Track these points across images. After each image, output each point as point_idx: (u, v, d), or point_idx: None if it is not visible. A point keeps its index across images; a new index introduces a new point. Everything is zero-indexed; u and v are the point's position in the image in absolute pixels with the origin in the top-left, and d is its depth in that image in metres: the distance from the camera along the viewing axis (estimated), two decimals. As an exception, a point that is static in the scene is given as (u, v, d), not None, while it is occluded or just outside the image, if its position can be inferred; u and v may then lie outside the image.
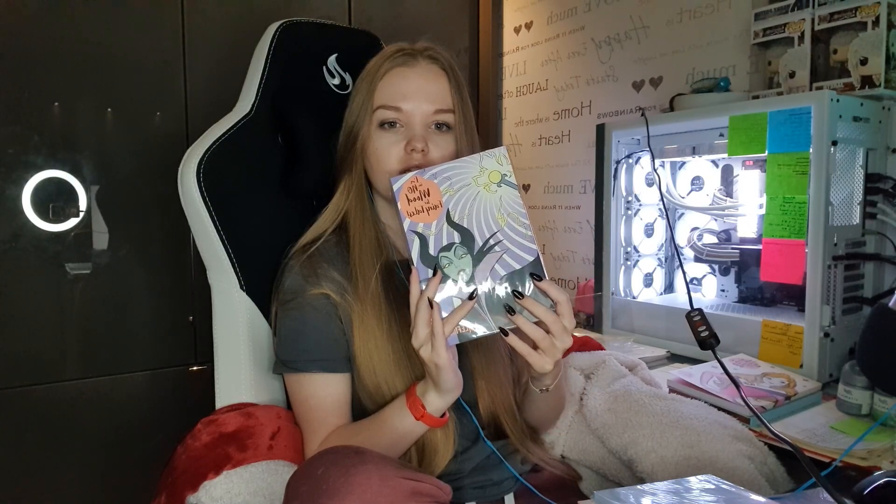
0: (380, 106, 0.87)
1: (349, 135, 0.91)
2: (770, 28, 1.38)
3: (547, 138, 2.21)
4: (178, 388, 1.75)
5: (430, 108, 0.87)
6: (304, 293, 0.86)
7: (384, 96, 0.87)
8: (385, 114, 0.87)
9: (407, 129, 0.87)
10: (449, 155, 0.89)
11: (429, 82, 0.88)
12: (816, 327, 1.14)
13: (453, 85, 0.90)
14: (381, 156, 0.87)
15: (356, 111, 0.89)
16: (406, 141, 0.86)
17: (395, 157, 0.87)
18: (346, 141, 0.92)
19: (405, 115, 0.87)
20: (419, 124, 0.87)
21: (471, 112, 0.91)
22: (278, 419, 0.89)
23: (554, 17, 2.16)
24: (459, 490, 0.86)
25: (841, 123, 1.13)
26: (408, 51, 0.89)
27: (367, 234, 0.90)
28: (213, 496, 0.78)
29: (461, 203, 0.73)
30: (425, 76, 0.88)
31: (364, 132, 0.88)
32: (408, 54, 0.89)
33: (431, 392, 0.77)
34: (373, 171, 0.90)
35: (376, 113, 0.88)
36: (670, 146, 1.46)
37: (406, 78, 0.88)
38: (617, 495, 0.65)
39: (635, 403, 0.99)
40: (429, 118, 0.87)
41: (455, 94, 0.89)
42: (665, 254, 1.66)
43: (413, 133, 0.86)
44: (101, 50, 1.61)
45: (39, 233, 1.58)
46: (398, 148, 0.87)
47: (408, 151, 0.86)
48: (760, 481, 0.87)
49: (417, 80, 0.88)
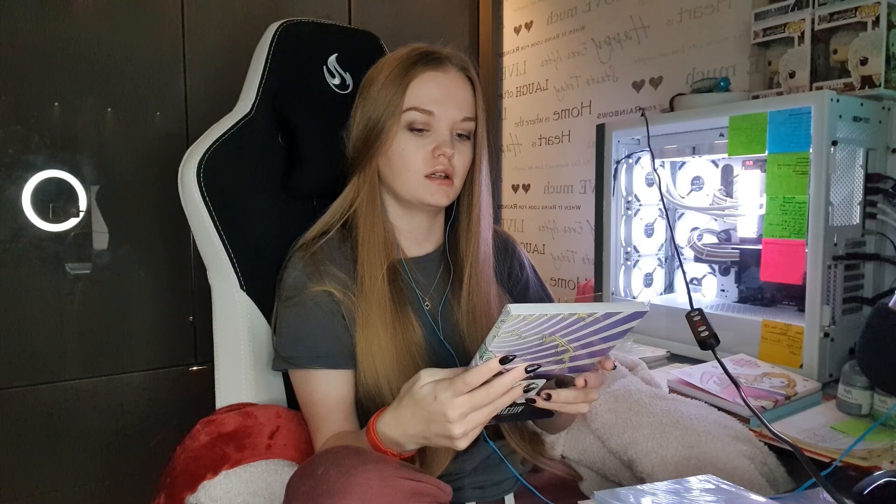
0: (411, 107, 0.87)
1: (370, 131, 0.89)
2: (770, 28, 1.38)
3: (547, 138, 2.21)
4: (178, 388, 1.75)
5: (459, 115, 0.88)
6: (306, 290, 0.86)
7: (415, 98, 0.87)
8: (416, 116, 0.87)
9: (434, 133, 0.87)
10: (468, 162, 0.91)
11: (458, 89, 0.89)
12: (816, 327, 1.14)
13: (478, 94, 0.91)
14: (406, 158, 0.87)
15: (381, 109, 0.88)
16: (434, 146, 0.87)
17: (420, 161, 0.87)
18: (364, 137, 0.90)
19: (435, 119, 0.87)
20: (446, 130, 0.87)
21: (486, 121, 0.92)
22: (277, 418, 0.89)
23: (554, 17, 2.16)
24: (460, 490, 0.86)
25: (841, 123, 1.13)
26: (437, 55, 0.89)
27: (376, 233, 0.89)
28: (213, 496, 0.78)
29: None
30: (455, 82, 0.89)
31: (389, 131, 0.87)
32: (438, 59, 0.89)
33: (411, 443, 0.70)
34: (392, 171, 0.89)
35: (406, 114, 0.87)
36: (670, 146, 1.46)
37: (437, 82, 0.88)
38: (617, 495, 0.65)
39: (635, 403, 0.99)
40: (456, 125, 0.88)
41: (478, 104, 0.91)
42: (665, 254, 1.66)
43: (441, 139, 0.87)
44: (101, 50, 1.61)
45: (39, 233, 1.58)
46: (425, 151, 0.87)
47: (435, 156, 0.86)
48: (760, 481, 0.87)
49: (448, 86, 0.88)
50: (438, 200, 0.88)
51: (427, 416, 0.65)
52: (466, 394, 0.63)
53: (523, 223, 2.32)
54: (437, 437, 0.66)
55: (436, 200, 0.88)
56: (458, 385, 0.63)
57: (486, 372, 0.63)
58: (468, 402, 0.63)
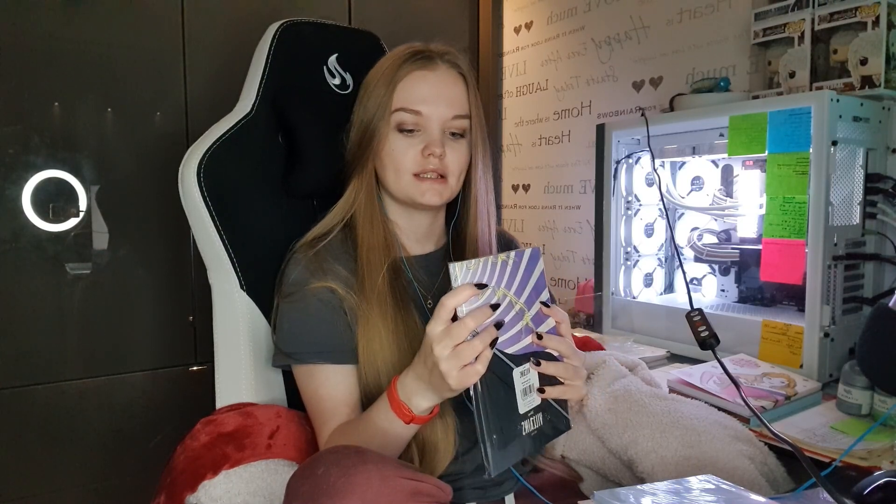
0: (399, 108, 0.86)
1: (363, 134, 0.90)
2: (770, 28, 1.38)
3: (547, 138, 2.21)
4: (178, 388, 1.75)
5: (449, 114, 0.87)
6: (308, 285, 0.86)
7: (403, 98, 0.86)
8: (404, 116, 0.86)
9: (424, 133, 0.87)
10: (464, 161, 0.90)
11: (448, 87, 0.88)
12: (816, 327, 1.14)
13: (471, 90, 0.90)
14: (396, 158, 0.87)
15: (372, 110, 0.88)
16: (423, 145, 0.86)
17: (411, 161, 0.87)
18: (359, 140, 0.91)
19: (424, 118, 0.86)
20: (437, 129, 0.87)
21: (483, 118, 0.92)
22: (277, 418, 0.89)
23: (554, 17, 2.16)
24: (460, 490, 0.86)
25: (841, 123, 1.13)
26: (427, 53, 0.88)
27: (376, 232, 0.89)
28: (213, 496, 0.78)
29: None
30: (445, 80, 0.88)
31: (380, 132, 0.87)
32: (427, 57, 0.88)
33: (421, 395, 0.73)
34: (386, 172, 0.89)
35: (394, 115, 0.87)
36: (670, 146, 1.46)
37: (426, 81, 0.87)
38: (617, 495, 0.65)
39: (635, 403, 0.99)
40: (446, 123, 0.87)
41: (472, 100, 0.90)
42: (665, 254, 1.66)
43: (431, 138, 0.87)
44: (101, 50, 1.61)
45: (39, 233, 1.58)
46: (415, 151, 0.87)
47: (425, 156, 0.86)
48: (760, 481, 0.87)
49: (437, 85, 0.87)
50: (430, 200, 0.88)
51: (425, 358, 0.70)
52: (445, 327, 0.68)
53: (523, 223, 2.32)
54: (437, 380, 0.69)
55: (427, 200, 0.87)
56: (436, 321, 0.69)
57: (454, 300, 0.68)
58: (447, 333, 0.68)
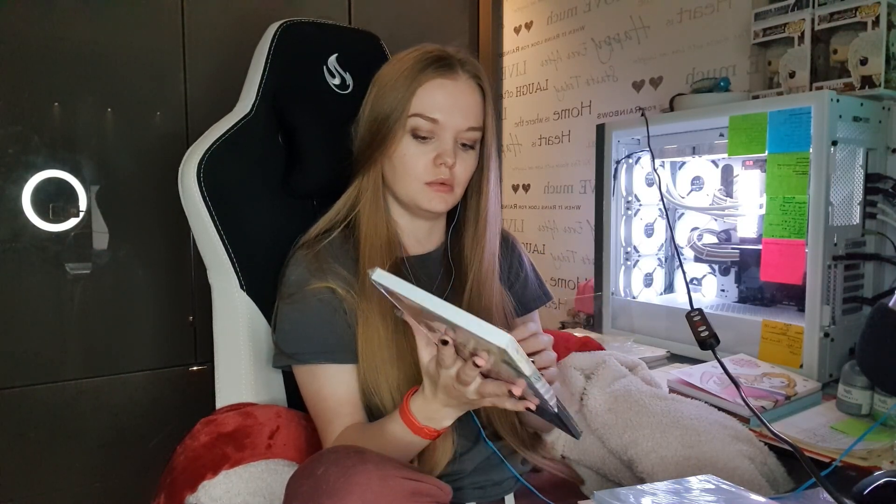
0: (416, 113, 0.86)
1: (375, 132, 0.89)
2: (770, 28, 1.38)
3: (547, 138, 2.21)
4: (178, 388, 1.74)
5: (464, 125, 0.87)
6: (309, 286, 0.86)
7: (422, 105, 0.86)
8: (420, 122, 0.86)
9: (438, 141, 0.87)
10: (471, 171, 0.90)
11: (466, 98, 0.88)
12: (816, 327, 1.14)
13: (488, 102, 0.90)
14: (407, 163, 0.87)
15: (387, 110, 0.87)
16: (436, 154, 0.86)
17: (422, 167, 0.87)
18: (370, 137, 0.90)
19: (439, 127, 0.86)
20: (450, 139, 0.87)
21: (496, 130, 0.92)
22: (277, 418, 0.89)
23: (554, 17, 2.16)
24: (460, 490, 0.86)
25: (841, 123, 1.13)
26: (448, 60, 0.87)
27: (379, 232, 0.89)
28: (213, 496, 0.78)
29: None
30: (464, 91, 0.88)
31: (394, 134, 0.87)
32: (448, 65, 0.87)
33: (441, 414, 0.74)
34: (395, 175, 0.89)
35: (411, 119, 0.86)
36: (670, 146, 1.46)
37: (445, 90, 0.86)
38: (617, 495, 0.65)
39: (635, 404, 0.99)
40: (460, 134, 0.87)
41: (488, 112, 0.90)
42: (665, 254, 1.66)
43: (444, 147, 0.86)
44: (101, 50, 1.61)
45: (39, 233, 1.57)
46: (427, 159, 0.86)
47: (436, 164, 0.86)
48: (760, 481, 0.87)
49: (456, 95, 0.87)
50: (436, 207, 0.88)
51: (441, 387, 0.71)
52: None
53: (523, 223, 2.32)
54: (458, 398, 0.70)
55: (433, 207, 0.88)
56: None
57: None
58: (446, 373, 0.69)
